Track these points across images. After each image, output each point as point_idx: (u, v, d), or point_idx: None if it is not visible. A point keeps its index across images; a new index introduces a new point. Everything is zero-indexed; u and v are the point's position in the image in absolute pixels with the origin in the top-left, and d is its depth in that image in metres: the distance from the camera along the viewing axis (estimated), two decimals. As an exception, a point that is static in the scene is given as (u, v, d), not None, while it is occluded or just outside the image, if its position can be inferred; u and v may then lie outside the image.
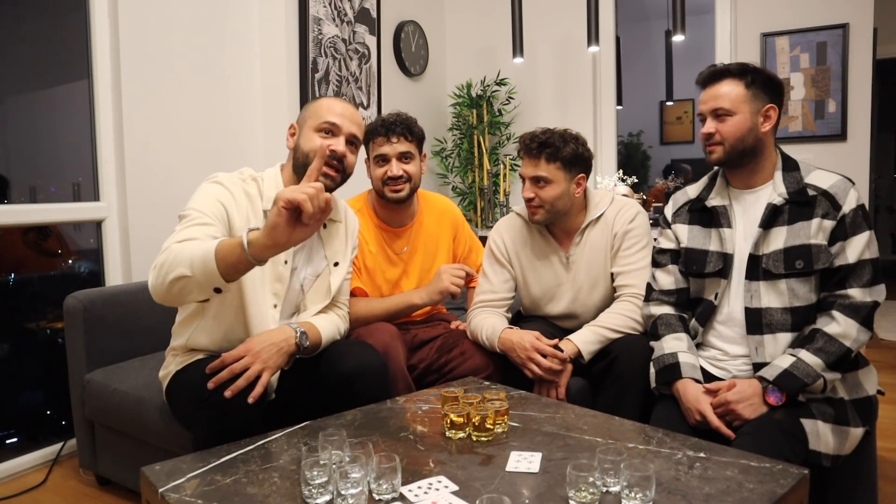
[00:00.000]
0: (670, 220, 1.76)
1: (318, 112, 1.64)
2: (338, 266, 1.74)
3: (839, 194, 1.51)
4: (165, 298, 1.40)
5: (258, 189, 1.61)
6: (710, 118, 1.60)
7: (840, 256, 1.49)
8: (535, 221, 1.93)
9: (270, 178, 1.64)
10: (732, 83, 1.57)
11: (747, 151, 1.57)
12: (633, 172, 3.75)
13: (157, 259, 1.39)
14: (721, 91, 1.57)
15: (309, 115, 1.66)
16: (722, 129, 1.57)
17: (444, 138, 4.15)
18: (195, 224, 1.45)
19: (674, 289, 1.72)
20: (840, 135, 3.37)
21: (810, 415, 1.44)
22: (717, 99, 1.58)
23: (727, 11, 3.58)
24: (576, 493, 1.05)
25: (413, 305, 2.00)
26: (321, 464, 1.11)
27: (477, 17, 4.21)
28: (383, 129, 1.97)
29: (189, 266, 1.31)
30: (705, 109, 1.61)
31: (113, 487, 2.11)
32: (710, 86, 1.60)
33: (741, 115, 1.56)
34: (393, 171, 1.96)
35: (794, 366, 1.45)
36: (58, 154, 2.71)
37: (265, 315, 1.60)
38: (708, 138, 1.60)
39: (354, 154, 1.69)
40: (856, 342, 1.46)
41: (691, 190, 1.75)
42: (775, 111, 1.57)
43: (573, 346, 1.78)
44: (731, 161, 1.60)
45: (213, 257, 1.28)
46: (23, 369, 2.58)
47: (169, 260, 1.35)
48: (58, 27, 2.69)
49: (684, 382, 1.55)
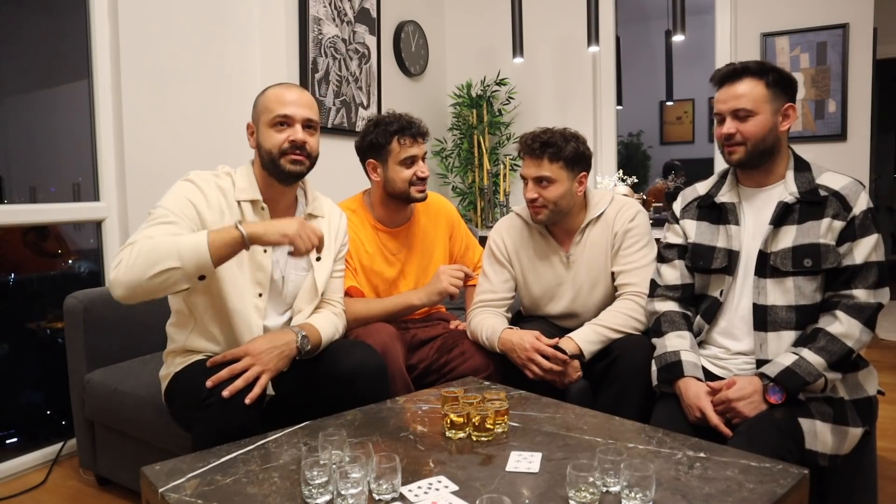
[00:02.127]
0: (679, 216, 1.75)
1: (268, 106, 1.60)
2: (319, 261, 1.73)
3: (850, 196, 1.51)
4: (135, 292, 1.38)
5: (231, 181, 1.63)
6: (730, 118, 1.56)
7: (847, 257, 1.49)
8: (538, 222, 1.93)
9: (243, 173, 1.66)
10: (753, 82, 1.54)
11: (766, 151, 1.56)
12: (633, 172, 3.75)
13: (123, 254, 1.39)
14: (741, 90, 1.55)
15: (261, 110, 1.63)
16: (744, 129, 1.55)
17: (444, 138, 4.15)
18: (159, 223, 1.47)
19: (679, 284, 1.72)
20: (840, 135, 3.37)
21: (809, 414, 1.44)
22: (738, 99, 1.55)
23: (727, 11, 3.58)
24: (576, 493, 1.05)
25: (412, 306, 1.99)
26: (321, 464, 1.11)
27: (477, 17, 4.21)
28: (411, 130, 1.96)
29: (178, 258, 1.35)
30: (725, 109, 1.57)
31: (113, 487, 2.11)
32: (729, 84, 1.57)
33: (763, 115, 1.54)
34: (425, 171, 1.99)
35: (796, 364, 1.45)
36: (58, 154, 2.71)
37: (247, 305, 1.60)
38: (728, 139, 1.57)
39: (314, 136, 1.65)
40: (858, 342, 1.46)
41: (701, 187, 1.75)
42: (794, 110, 1.57)
43: (574, 345, 1.78)
44: (752, 161, 1.58)
45: (205, 246, 1.36)
46: (23, 369, 2.59)
47: (144, 254, 1.36)
48: (58, 27, 2.69)
49: (686, 381, 1.55)
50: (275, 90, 1.64)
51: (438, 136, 4.12)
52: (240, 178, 1.64)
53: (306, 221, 1.52)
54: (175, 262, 1.35)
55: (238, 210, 1.60)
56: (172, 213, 1.49)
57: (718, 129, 1.60)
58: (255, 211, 1.62)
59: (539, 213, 1.89)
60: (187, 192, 1.55)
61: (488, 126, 3.99)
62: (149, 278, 1.36)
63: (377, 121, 2.01)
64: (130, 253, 1.38)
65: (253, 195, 1.62)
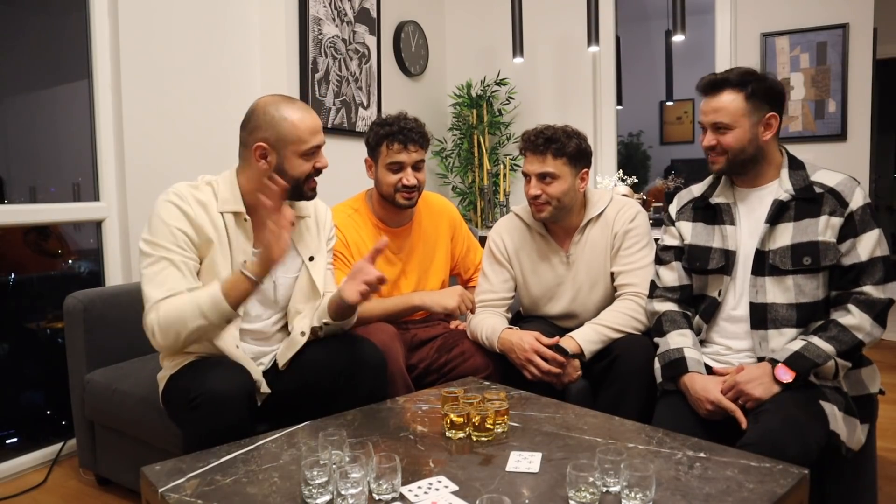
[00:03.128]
0: (675, 218, 1.76)
1: (297, 135, 1.57)
2: (313, 261, 1.73)
3: (846, 192, 1.52)
4: (181, 348, 1.55)
5: (213, 192, 1.61)
6: (711, 130, 1.60)
7: (851, 254, 1.50)
8: (540, 219, 1.92)
9: (226, 182, 1.63)
10: (732, 94, 1.56)
11: (749, 160, 1.59)
12: (633, 172, 3.75)
13: (150, 320, 1.49)
14: (720, 104, 1.57)
15: (286, 139, 1.57)
16: (723, 140, 1.57)
17: (444, 138, 4.15)
18: (160, 271, 1.51)
19: (677, 285, 1.72)
20: (840, 135, 3.37)
21: (826, 398, 1.44)
22: (717, 112, 1.57)
23: (727, 11, 3.58)
24: (576, 493, 1.05)
25: (413, 307, 1.99)
26: (321, 464, 1.11)
27: (477, 17, 4.21)
28: (401, 136, 1.94)
29: (201, 316, 1.47)
30: (705, 122, 1.61)
31: (113, 487, 2.11)
32: (710, 96, 1.59)
33: (741, 129, 1.56)
34: (410, 180, 1.96)
35: (804, 348, 1.46)
36: (58, 154, 2.71)
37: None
38: (711, 149, 1.61)
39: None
40: (869, 336, 1.47)
41: (696, 188, 1.76)
42: (776, 119, 1.58)
43: (574, 344, 1.78)
44: (734, 170, 1.61)
45: (222, 299, 1.46)
46: (23, 369, 2.59)
47: (170, 320, 1.47)
48: (58, 27, 2.69)
49: (691, 376, 1.55)
50: (295, 113, 1.58)
51: (438, 136, 4.12)
52: (222, 189, 1.61)
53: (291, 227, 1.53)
54: (201, 321, 1.47)
55: (222, 221, 1.58)
56: (165, 249, 1.52)
57: (702, 137, 1.63)
58: (237, 223, 1.61)
59: (542, 211, 1.88)
60: (171, 218, 1.54)
61: (488, 126, 3.99)
62: (184, 339, 1.50)
63: (379, 121, 2.02)
64: (158, 322, 1.48)
65: (236, 207, 1.60)
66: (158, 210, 1.56)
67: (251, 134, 1.59)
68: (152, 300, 1.49)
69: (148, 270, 1.52)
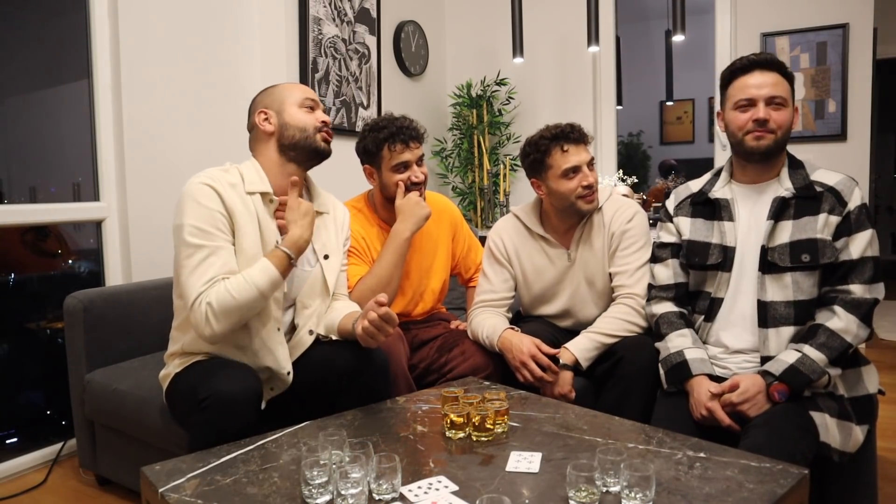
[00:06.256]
0: (672, 213, 1.76)
1: (292, 92, 1.70)
2: (328, 259, 1.74)
3: (845, 191, 1.52)
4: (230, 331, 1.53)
5: (240, 175, 1.63)
6: (764, 105, 1.54)
7: (843, 252, 1.50)
8: (588, 210, 1.91)
9: (250, 167, 1.67)
10: (780, 76, 1.56)
11: (784, 144, 1.59)
12: (633, 172, 3.75)
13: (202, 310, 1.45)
14: (777, 79, 1.55)
15: (282, 97, 1.69)
16: (776, 117, 1.54)
17: (444, 138, 4.15)
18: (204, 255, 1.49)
19: (672, 283, 1.72)
20: (840, 135, 3.37)
21: (818, 408, 1.45)
22: (775, 86, 1.54)
23: (727, 11, 3.58)
24: (576, 493, 1.05)
25: (406, 241, 1.94)
26: (321, 464, 1.11)
27: (477, 17, 4.21)
28: (402, 135, 1.95)
29: (261, 295, 1.50)
30: (760, 95, 1.54)
31: (113, 487, 2.11)
32: (763, 71, 1.55)
33: (790, 109, 1.57)
34: (418, 176, 1.98)
35: (799, 361, 1.45)
36: (58, 154, 2.71)
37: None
38: (763, 124, 1.54)
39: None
40: (856, 338, 1.47)
41: (693, 184, 1.76)
42: (797, 111, 1.59)
43: (570, 356, 1.78)
44: (776, 151, 1.57)
45: (276, 272, 1.51)
46: (23, 369, 2.59)
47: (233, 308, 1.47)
48: (58, 27, 2.69)
49: (699, 380, 1.56)
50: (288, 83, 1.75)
51: (438, 136, 4.12)
52: (248, 172, 1.64)
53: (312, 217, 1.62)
54: (261, 301, 1.52)
55: (251, 202, 1.60)
56: (205, 234, 1.50)
57: (744, 114, 1.56)
58: (264, 202, 1.62)
59: (592, 202, 1.90)
60: (206, 199, 1.53)
61: (488, 126, 3.99)
62: (241, 321, 1.52)
63: (370, 126, 2.01)
64: (213, 311, 1.46)
65: (263, 187, 1.63)
66: (193, 193, 1.53)
67: (254, 111, 1.70)
68: (198, 289, 1.46)
69: (190, 260, 1.49)
